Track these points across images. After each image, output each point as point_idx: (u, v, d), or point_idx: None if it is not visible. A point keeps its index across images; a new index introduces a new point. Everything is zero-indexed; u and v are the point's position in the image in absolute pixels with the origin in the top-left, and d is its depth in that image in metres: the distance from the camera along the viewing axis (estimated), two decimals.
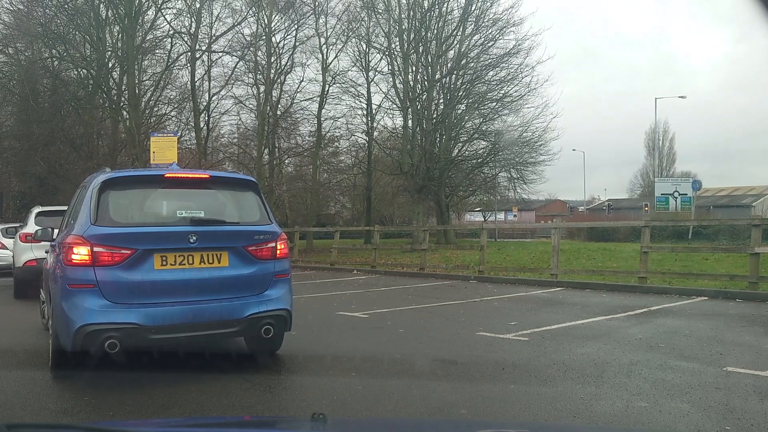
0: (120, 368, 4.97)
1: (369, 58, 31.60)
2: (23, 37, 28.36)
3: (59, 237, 5.83)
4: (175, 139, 17.34)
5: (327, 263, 18.66)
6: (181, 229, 5.04)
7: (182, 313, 4.91)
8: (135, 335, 4.72)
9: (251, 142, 33.90)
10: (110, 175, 5.38)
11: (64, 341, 4.86)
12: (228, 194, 5.69)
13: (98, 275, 4.75)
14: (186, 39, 27.09)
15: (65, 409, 4.39)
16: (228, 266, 5.12)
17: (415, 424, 2.86)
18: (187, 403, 4.40)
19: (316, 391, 4.80)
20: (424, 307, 9.54)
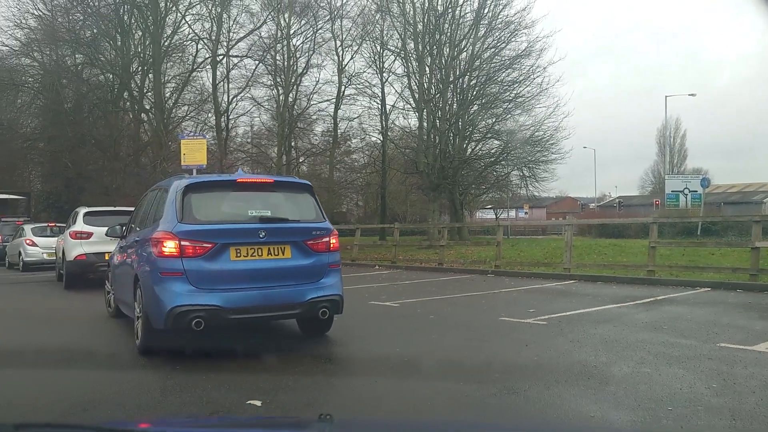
0: (197, 346, 5.78)
1: (383, 59, 32.53)
2: (48, 41, 29.40)
3: (140, 233, 6.71)
4: (204, 141, 18.29)
5: (348, 259, 19.49)
6: (252, 226, 5.89)
7: (254, 297, 5.75)
8: (216, 315, 5.57)
9: (267, 142, 34.91)
10: (192, 180, 6.27)
11: (156, 321, 5.66)
12: (289, 196, 6.61)
13: (185, 265, 5.59)
14: (207, 43, 28.06)
15: (155, 383, 5.09)
16: (290, 258, 5.97)
17: (420, 425, 2.87)
18: (256, 381, 4.93)
19: (371, 362, 5.67)
20: (448, 297, 10.39)
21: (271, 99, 32.17)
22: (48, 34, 29.04)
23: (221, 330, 6.30)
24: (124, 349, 6.44)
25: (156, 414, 4.27)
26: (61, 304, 10.97)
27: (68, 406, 4.44)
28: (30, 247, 19.07)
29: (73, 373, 5.50)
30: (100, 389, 4.89)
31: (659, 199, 44.70)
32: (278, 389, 4.63)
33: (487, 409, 4.10)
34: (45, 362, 5.99)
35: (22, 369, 5.66)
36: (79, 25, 28.24)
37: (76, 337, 7.52)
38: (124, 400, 4.54)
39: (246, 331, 6.82)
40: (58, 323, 8.53)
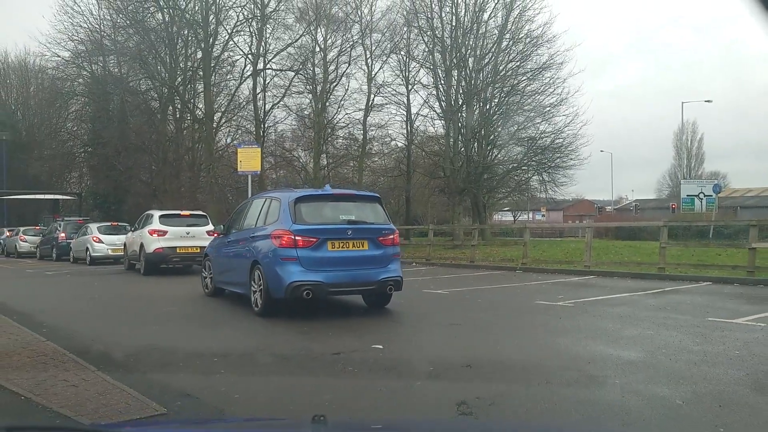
0: (300, 313, 8.15)
1: (409, 69, 34.44)
2: (99, 52, 31.63)
3: (256, 230, 8.92)
4: (259, 150, 20.37)
5: None
6: (342, 227, 8.24)
7: (345, 276, 8.11)
8: (320, 288, 7.94)
9: (295, 145, 36.95)
10: (300, 193, 8.92)
11: (277, 293, 7.96)
12: (366, 204, 9.07)
13: (298, 253, 7.93)
14: (249, 56, 30.18)
15: (272, 335, 7.29)
16: (368, 249, 8.26)
17: (416, 425, 3.00)
18: (342, 340, 6.75)
19: (443, 335, 7.57)
20: (487, 287, 12.31)
21: (305, 107, 34.18)
22: (97, 46, 31.25)
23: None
24: (243, 315, 8.62)
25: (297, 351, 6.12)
26: (156, 288, 13.13)
27: (228, 348, 6.49)
28: (96, 243, 21.21)
29: (217, 332, 7.63)
30: (245, 341, 7.01)
31: (675, 202, 46.15)
32: (391, 338, 6.60)
33: (541, 350, 6.03)
34: (188, 324, 8.30)
35: (178, 330, 7.82)
36: (128, 38, 30.39)
37: (198, 309, 9.74)
38: (271, 347, 6.53)
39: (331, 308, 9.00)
40: (172, 302, 10.51)
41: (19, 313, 8.86)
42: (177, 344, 6.76)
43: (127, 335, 7.23)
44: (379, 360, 5.73)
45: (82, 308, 9.97)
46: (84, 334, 7.28)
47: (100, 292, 12.80)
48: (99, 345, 6.53)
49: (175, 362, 5.76)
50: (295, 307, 8.26)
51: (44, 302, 10.66)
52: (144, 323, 8.21)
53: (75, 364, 5.44)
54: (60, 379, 4.91)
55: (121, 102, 33.10)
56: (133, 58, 30.12)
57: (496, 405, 4.19)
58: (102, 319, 8.71)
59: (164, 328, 7.88)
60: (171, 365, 5.66)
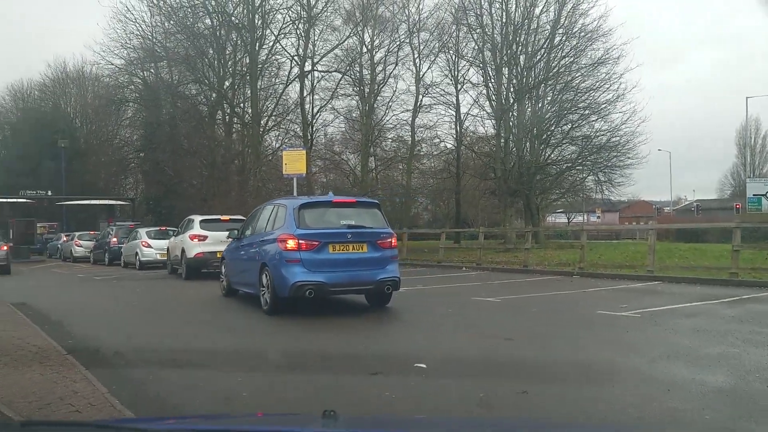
0: (306, 312, 8.81)
1: (458, 69, 33.68)
2: (150, 59, 32.00)
3: (263, 234, 9.58)
4: (304, 152, 19.92)
5: (434, 261, 20.77)
6: (342, 231, 8.76)
7: (345, 277, 8.64)
8: (322, 288, 8.54)
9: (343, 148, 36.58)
10: (304, 200, 9.65)
11: (282, 292, 8.57)
12: (365, 210, 9.62)
13: (301, 255, 8.49)
14: (296, 59, 29.98)
15: (275, 331, 8.12)
16: (367, 252, 8.76)
17: (425, 423, 3.01)
18: (350, 339, 7.32)
19: (493, 352, 6.85)
20: (543, 295, 11.47)
21: (353, 109, 33.79)
22: (149, 53, 31.63)
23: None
24: (252, 312, 9.36)
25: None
26: (189, 291, 13.58)
27: (237, 342, 7.43)
28: (145, 248, 21.21)
29: (227, 330, 8.24)
30: (251, 335, 7.85)
31: (740, 202, 43.81)
32: (434, 354, 5.93)
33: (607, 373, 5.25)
34: (203, 322, 9.03)
35: (196, 326, 8.69)
36: (178, 44, 30.63)
37: (212, 310, 10.39)
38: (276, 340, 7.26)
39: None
40: (195, 304, 11.22)
41: (42, 313, 9.49)
42: (188, 346, 7.11)
43: (139, 336, 7.76)
44: (422, 385, 5.01)
45: (112, 310, 10.54)
46: (98, 335, 7.73)
47: (137, 296, 12.85)
48: (104, 345, 6.85)
49: (183, 363, 6.07)
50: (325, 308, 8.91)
51: (77, 304, 11.33)
52: (162, 325, 8.89)
53: (64, 362, 5.61)
54: (34, 375, 5.14)
55: (171, 107, 33.47)
56: (183, 63, 30.33)
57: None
58: (126, 322, 9.11)
59: (177, 329, 8.31)
60: (175, 365, 5.96)
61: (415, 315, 9.12)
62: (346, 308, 9.78)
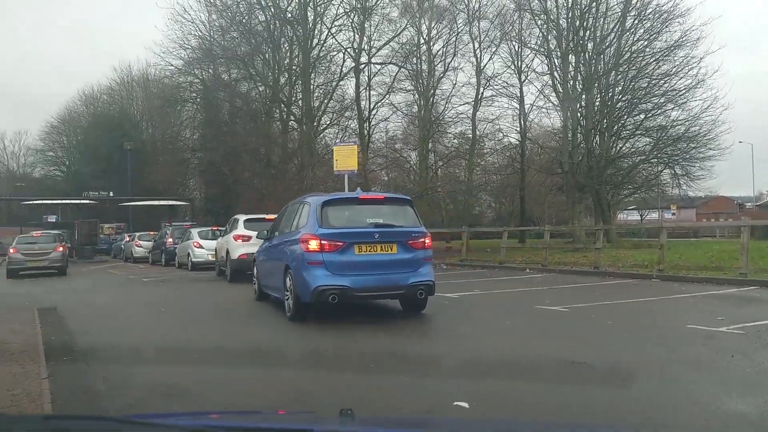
0: (330, 317, 8.28)
1: (522, 58, 32.00)
2: (207, 59, 31.85)
3: (288, 235, 8.89)
4: (356, 147, 18.87)
5: (495, 262, 19.35)
6: (369, 230, 8.03)
7: (372, 280, 7.87)
8: (346, 293, 7.76)
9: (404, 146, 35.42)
10: (327, 197, 8.70)
11: (304, 297, 7.94)
12: (394, 208, 8.73)
13: (324, 257, 7.79)
14: (350, 52, 29.06)
15: (302, 337, 7.73)
16: (396, 253, 8.01)
17: (440, 423, 2.94)
18: (379, 346, 6.84)
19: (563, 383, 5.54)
20: (619, 302, 9.98)
21: (411, 104, 32.63)
22: (206, 53, 31.49)
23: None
24: (276, 319, 8.83)
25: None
26: (226, 294, 13.26)
27: (260, 345, 7.26)
28: (197, 249, 20.69)
29: (237, 340, 7.70)
30: (271, 344, 7.35)
31: None
32: (488, 390, 4.68)
33: (716, 421, 3.89)
34: (218, 330, 8.46)
35: (210, 333, 8.23)
36: (234, 42, 30.33)
37: (241, 313, 10.17)
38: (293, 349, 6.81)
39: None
40: (224, 309, 10.82)
41: (62, 319, 9.41)
42: (189, 345, 7.08)
43: (137, 342, 7.52)
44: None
45: (135, 315, 10.21)
46: (99, 336, 7.84)
47: (170, 300, 12.34)
48: (97, 347, 6.93)
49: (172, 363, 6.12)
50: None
51: (106, 308, 11.10)
52: (173, 331, 8.53)
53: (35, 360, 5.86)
54: None
55: (229, 106, 33.26)
56: (239, 61, 29.98)
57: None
58: (138, 329, 8.73)
59: (186, 337, 7.95)
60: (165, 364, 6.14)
61: (465, 327, 7.87)
62: (378, 314, 8.94)
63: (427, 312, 8.75)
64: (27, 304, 11.45)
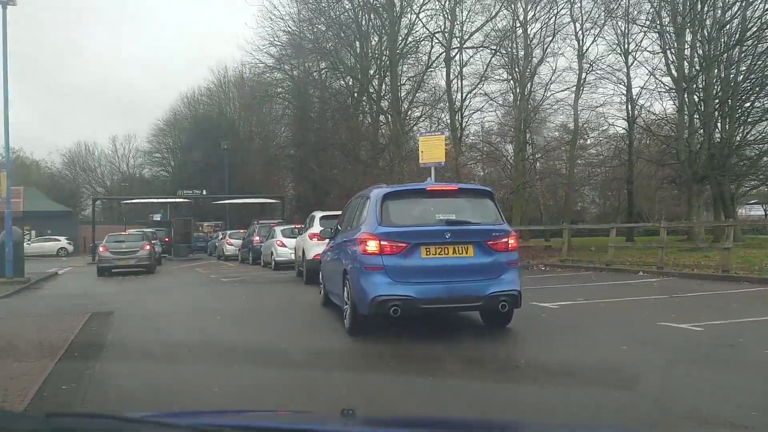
0: (391, 329, 7.29)
1: (628, 39, 29.25)
2: (297, 54, 31.39)
3: (348, 234, 7.75)
4: (443, 137, 17.34)
5: (601, 263, 17.19)
6: (439, 228, 6.78)
7: (442, 290, 6.61)
8: (410, 304, 6.53)
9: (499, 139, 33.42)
10: (389, 189, 7.34)
11: (361, 308, 6.77)
12: (471, 201, 7.43)
13: (384, 261, 6.58)
14: (440, 39, 27.49)
15: (357, 351, 6.76)
16: (473, 256, 6.71)
17: (442, 422, 2.84)
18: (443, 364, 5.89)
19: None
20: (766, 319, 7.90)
21: (505, 92, 30.61)
22: (296, 48, 31.07)
23: None
24: (335, 330, 7.83)
25: None
26: (294, 297, 12.21)
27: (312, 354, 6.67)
28: (280, 248, 19.97)
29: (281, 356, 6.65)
30: (316, 362, 6.30)
31: None
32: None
33: None
34: (276, 336, 7.89)
35: (265, 335, 7.86)
36: (322, 36, 29.66)
37: (302, 320, 9.22)
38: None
39: None
40: (284, 314, 10.02)
41: (112, 323, 8.88)
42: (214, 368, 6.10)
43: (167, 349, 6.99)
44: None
45: (191, 320, 9.53)
46: (129, 342, 7.48)
47: (235, 304, 11.60)
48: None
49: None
50: None
51: (166, 311, 10.58)
52: (215, 339, 7.71)
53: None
54: None
55: (320, 102, 32.72)
56: (327, 54, 29.29)
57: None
58: (183, 333, 8.25)
59: (228, 338, 7.58)
60: None
61: (563, 353, 6.18)
62: (452, 329, 7.68)
63: (514, 326, 7.25)
64: (89, 306, 10.88)
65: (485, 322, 7.59)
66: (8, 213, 18.18)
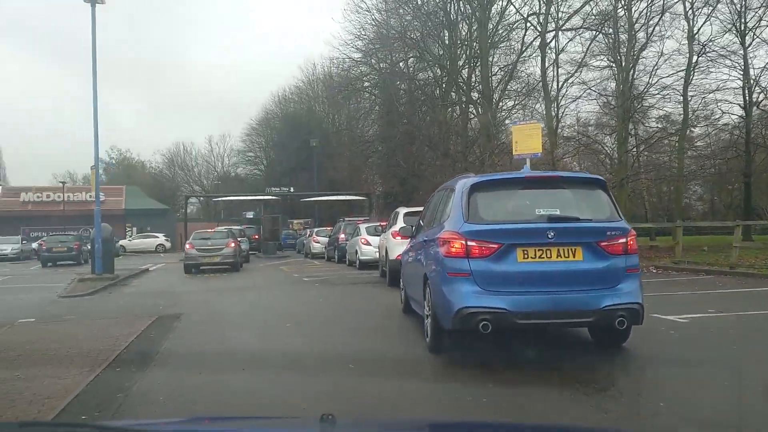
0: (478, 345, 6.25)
1: (746, 17, 26.37)
2: (383, 47, 30.61)
3: (429, 232, 6.71)
4: (539, 126, 15.93)
5: (724, 266, 15.12)
6: (540, 226, 5.59)
7: (543, 301, 5.45)
8: (504, 319, 5.39)
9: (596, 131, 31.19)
10: (478, 179, 6.16)
11: (443, 321, 5.77)
12: (579, 192, 6.13)
13: (471, 265, 5.52)
14: (535, 24, 25.79)
15: (438, 375, 5.71)
16: (582, 260, 5.52)
17: (423, 424, 2.77)
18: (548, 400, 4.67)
19: None
20: None
21: (606, 80, 28.37)
22: (382, 40, 30.33)
23: None
24: (412, 344, 6.80)
25: None
26: (379, 302, 11.02)
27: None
28: (365, 246, 19.14)
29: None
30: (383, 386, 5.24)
31: None
32: None
33: None
34: (342, 349, 6.92)
35: (331, 347, 7.09)
36: (409, 25, 28.74)
37: (377, 330, 8.06)
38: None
39: None
40: (365, 319, 9.13)
41: (175, 330, 8.23)
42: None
43: None
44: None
45: (257, 327, 8.69)
46: (185, 349, 6.94)
47: (309, 308, 10.82)
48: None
49: None
50: None
51: (230, 313, 10.04)
52: (281, 345, 7.20)
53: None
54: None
55: (407, 94, 31.84)
56: (415, 45, 28.35)
57: None
58: (244, 340, 7.60)
59: (288, 349, 6.85)
60: None
61: (718, 394, 4.74)
62: (556, 345, 6.62)
63: (634, 347, 5.96)
64: (160, 307, 10.40)
65: (595, 339, 6.37)
66: (97, 210, 18.41)
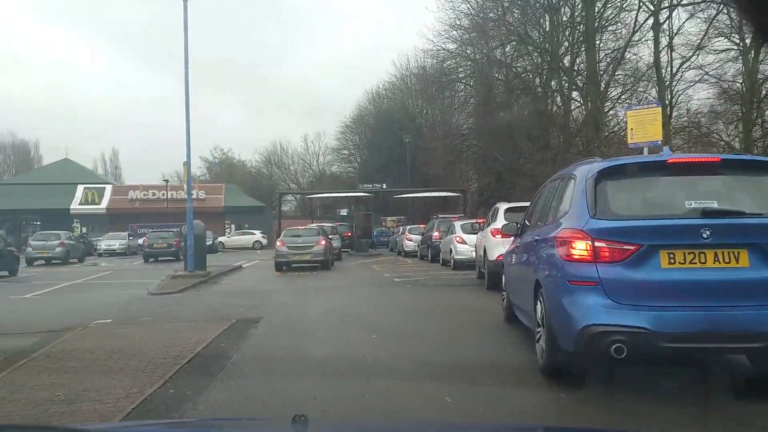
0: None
1: None
2: (479, 34, 29.28)
3: (542, 230, 5.66)
4: (659, 110, 14.08)
5: None
6: (691, 223, 4.43)
7: (697, 320, 4.27)
8: (644, 341, 4.24)
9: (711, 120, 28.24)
10: (606, 164, 5.07)
11: (563, 342, 4.66)
12: (743, 180, 4.90)
13: (600, 272, 4.44)
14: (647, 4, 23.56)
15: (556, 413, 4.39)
16: (748, 267, 4.30)
17: (396, 427, 2.69)
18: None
19: None
20: None
21: (726, 62, 25.56)
22: (478, 28, 29.02)
23: None
24: (519, 365, 5.57)
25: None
26: (479, 307, 10.12)
27: None
28: (459, 245, 18.01)
29: None
30: None
31: None
32: None
33: None
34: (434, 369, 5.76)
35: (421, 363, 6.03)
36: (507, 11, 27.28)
37: (473, 345, 6.92)
38: None
39: None
40: (461, 331, 7.92)
41: (246, 329, 7.91)
42: None
43: None
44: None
45: (334, 334, 7.89)
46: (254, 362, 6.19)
47: (400, 314, 9.87)
48: None
49: None
50: None
51: (309, 319, 9.26)
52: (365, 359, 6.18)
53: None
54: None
55: (504, 83, 30.34)
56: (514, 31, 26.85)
57: None
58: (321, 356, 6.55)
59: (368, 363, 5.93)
60: None
61: None
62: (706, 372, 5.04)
63: None
64: (242, 309, 9.78)
65: (755, 366, 4.91)
66: (189, 207, 18.34)
